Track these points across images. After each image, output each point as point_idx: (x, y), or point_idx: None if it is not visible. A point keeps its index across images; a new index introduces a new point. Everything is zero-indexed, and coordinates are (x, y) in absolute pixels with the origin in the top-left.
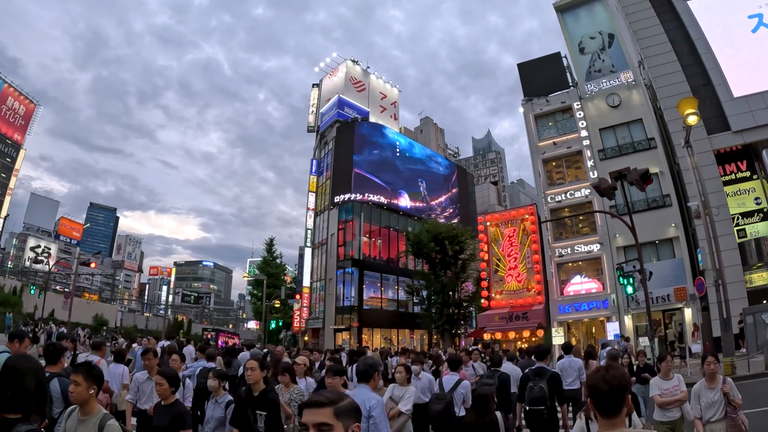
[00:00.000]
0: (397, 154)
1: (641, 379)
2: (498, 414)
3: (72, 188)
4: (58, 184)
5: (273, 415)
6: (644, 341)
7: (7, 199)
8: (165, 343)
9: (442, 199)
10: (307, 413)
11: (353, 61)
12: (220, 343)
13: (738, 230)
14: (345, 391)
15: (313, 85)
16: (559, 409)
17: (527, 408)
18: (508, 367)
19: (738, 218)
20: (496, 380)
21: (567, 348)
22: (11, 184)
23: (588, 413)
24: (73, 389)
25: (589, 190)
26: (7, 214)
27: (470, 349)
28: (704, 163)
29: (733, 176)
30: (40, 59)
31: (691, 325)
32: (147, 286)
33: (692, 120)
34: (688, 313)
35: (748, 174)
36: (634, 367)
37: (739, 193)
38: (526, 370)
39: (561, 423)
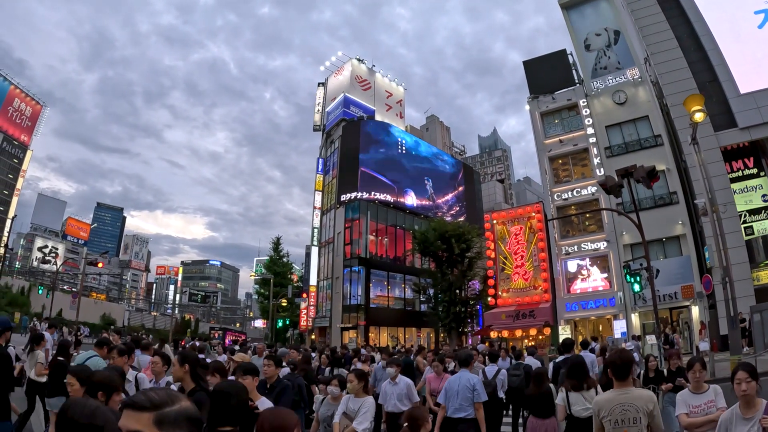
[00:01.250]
0: (403, 152)
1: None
2: (551, 385)
3: (79, 188)
4: (65, 185)
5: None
6: (650, 339)
7: (15, 200)
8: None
9: (449, 197)
10: (124, 416)
11: (359, 59)
12: (227, 342)
13: (745, 227)
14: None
15: (319, 84)
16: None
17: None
18: (530, 360)
19: (745, 215)
20: (522, 371)
21: (584, 344)
22: (18, 185)
23: (567, 386)
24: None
25: (595, 188)
26: (15, 215)
27: (478, 348)
28: (711, 160)
29: (740, 173)
30: (46, 60)
31: (699, 323)
32: (154, 285)
33: (699, 117)
34: (695, 311)
35: (755, 171)
36: (640, 373)
37: (746, 190)
38: (558, 359)
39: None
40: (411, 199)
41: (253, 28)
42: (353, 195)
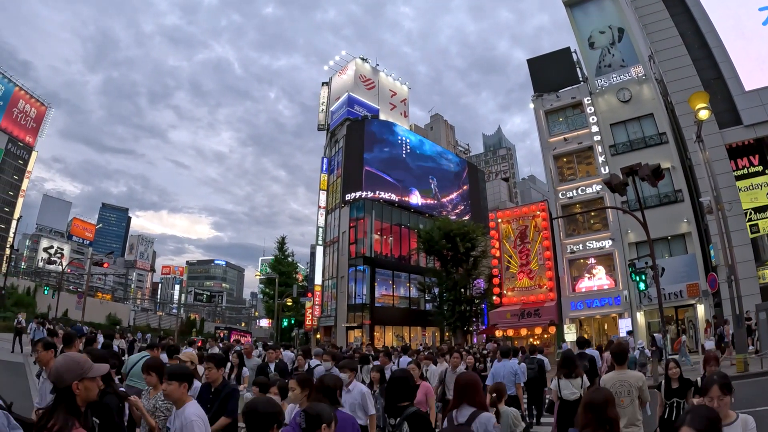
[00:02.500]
0: (408, 151)
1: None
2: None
3: (84, 189)
4: (70, 185)
5: (107, 425)
6: (641, 342)
7: (20, 201)
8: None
9: (453, 196)
10: None
11: (362, 58)
12: (232, 341)
13: (751, 225)
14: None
15: (323, 84)
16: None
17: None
18: (540, 356)
19: (750, 213)
20: (536, 364)
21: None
22: (24, 186)
23: (559, 374)
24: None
25: (600, 186)
26: (20, 216)
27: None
28: (716, 158)
29: (745, 171)
30: (50, 62)
31: (704, 321)
32: (159, 285)
33: (703, 114)
34: (700, 309)
35: (760, 168)
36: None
37: (751, 187)
38: (576, 353)
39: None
40: (416, 198)
41: (257, 28)
42: (358, 194)
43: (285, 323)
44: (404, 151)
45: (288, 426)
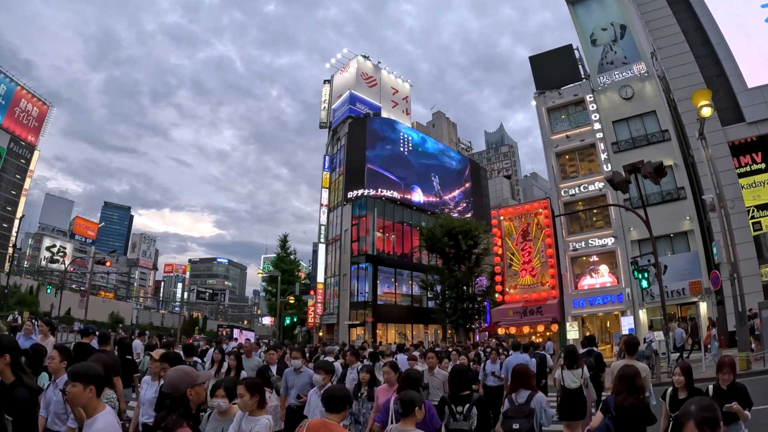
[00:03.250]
0: (410, 149)
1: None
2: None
3: (87, 188)
4: (72, 184)
5: (19, 419)
6: (659, 335)
7: (23, 200)
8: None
9: (455, 193)
10: None
11: (364, 56)
12: (240, 341)
13: (753, 223)
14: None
15: (325, 81)
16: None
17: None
18: (516, 355)
19: (753, 211)
20: (537, 357)
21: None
22: (26, 185)
23: (563, 365)
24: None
25: (602, 184)
26: (23, 215)
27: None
28: (719, 155)
29: (747, 168)
30: (52, 61)
31: (706, 319)
32: (162, 283)
33: (706, 112)
34: (703, 307)
35: (763, 166)
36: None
37: (754, 185)
38: (582, 350)
39: (603, 382)
40: (418, 196)
41: (259, 25)
42: (360, 192)
43: (287, 321)
44: (406, 149)
45: (379, 413)
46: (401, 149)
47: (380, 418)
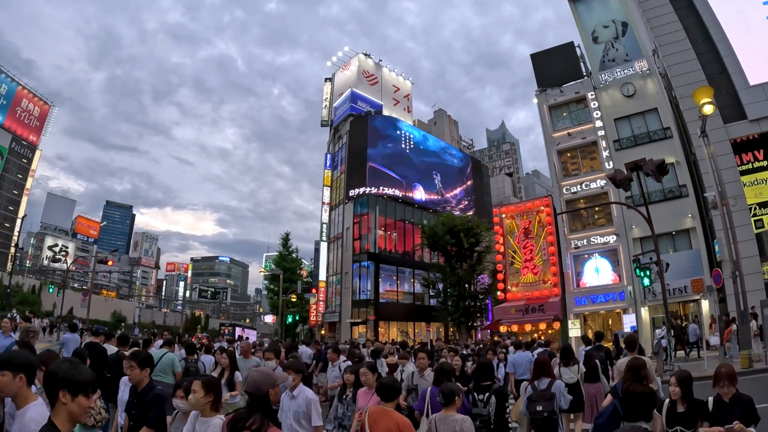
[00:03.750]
0: (411, 147)
1: None
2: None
3: (88, 187)
4: (74, 183)
5: None
6: (661, 332)
7: (24, 200)
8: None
9: (457, 191)
10: None
11: (365, 54)
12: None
13: (755, 221)
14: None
15: (326, 80)
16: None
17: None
18: (519, 353)
19: (755, 208)
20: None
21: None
22: (28, 185)
23: (560, 363)
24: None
25: (604, 181)
26: (25, 214)
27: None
28: (721, 153)
29: (750, 165)
30: (54, 60)
31: (709, 317)
32: (164, 282)
33: (708, 109)
34: (705, 304)
35: (765, 163)
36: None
37: (756, 182)
38: (591, 347)
39: (611, 375)
40: (419, 194)
41: (260, 24)
42: (361, 190)
43: (290, 319)
44: (408, 147)
45: (416, 403)
46: (403, 147)
47: (418, 406)
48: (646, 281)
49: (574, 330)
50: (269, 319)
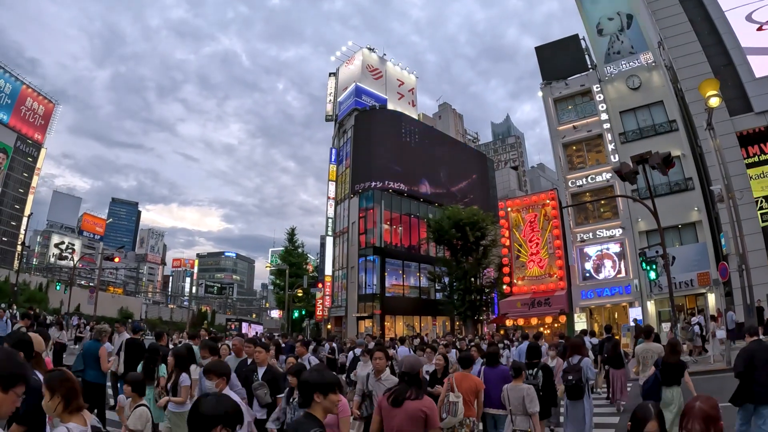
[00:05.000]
0: (416, 140)
1: None
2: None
3: (94, 184)
4: (80, 181)
5: None
6: (696, 319)
7: (30, 198)
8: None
9: (463, 185)
10: None
11: (369, 48)
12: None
13: (762, 214)
14: None
15: (330, 74)
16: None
17: (605, 356)
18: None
19: (762, 202)
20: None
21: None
22: (33, 183)
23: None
24: None
25: (610, 174)
26: (31, 213)
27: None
28: (727, 146)
29: (756, 158)
30: (58, 58)
31: (715, 310)
32: (170, 278)
33: (714, 102)
34: (711, 298)
35: None
36: None
37: (762, 175)
38: (603, 338)
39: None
40: (425, 188)
41: (264, 19)
42: (367, 184)
43: (296, 314)
44: (412, 141)
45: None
46: (407, 141)
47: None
48: (652, 275)
49: (580, 324)
50: (275, 314)
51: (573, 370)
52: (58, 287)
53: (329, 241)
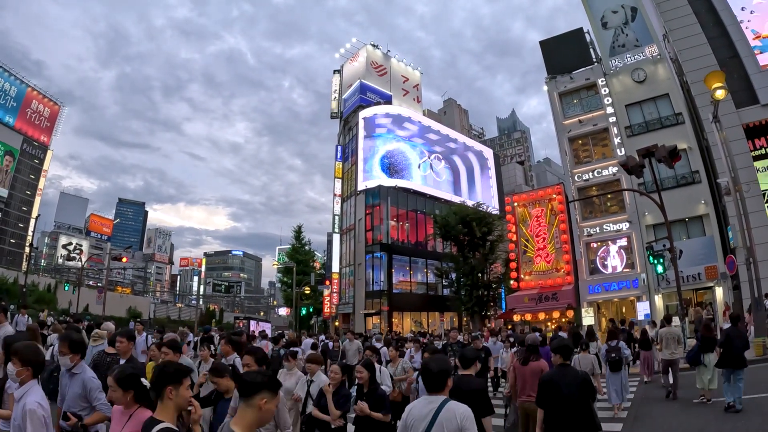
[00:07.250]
0: (422, 136)
1: None
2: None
3: (101, 185)
4: (87, 182)
5: None
6: (674, 322)
7: (38, 200)
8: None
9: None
10: None
11: (373, 45)
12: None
13: None
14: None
15: (335, 72)
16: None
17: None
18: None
19: None
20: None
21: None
22: (40, 185)
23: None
24: None
25: (616, 168)
26: (39, 214)
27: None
28: (733, 138)
29: (763, 151)
30: (63, 60)
31: (723, 304)
32: (178, 277)
33: (720, 94)
34: (719, 292)
35: None
36: None
37: None
38: (623, 328)
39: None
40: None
41: (269, 17)
42: (373, 181)
43: (303, 311)
44: (418, 137)
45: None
46: (413, 137)
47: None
48: (660, 268)
49: (588, 318)
50: (283, 311)
51: (613, 350)
52: (66, 288)
53: (336, 238)
